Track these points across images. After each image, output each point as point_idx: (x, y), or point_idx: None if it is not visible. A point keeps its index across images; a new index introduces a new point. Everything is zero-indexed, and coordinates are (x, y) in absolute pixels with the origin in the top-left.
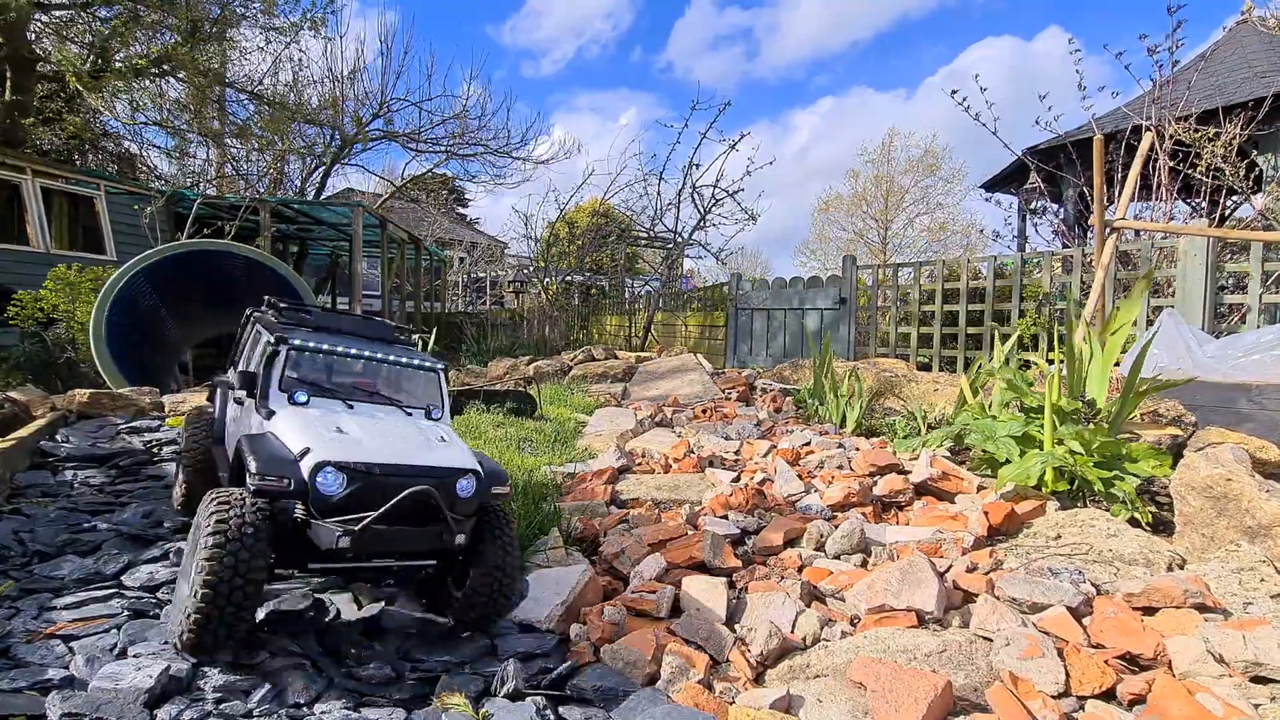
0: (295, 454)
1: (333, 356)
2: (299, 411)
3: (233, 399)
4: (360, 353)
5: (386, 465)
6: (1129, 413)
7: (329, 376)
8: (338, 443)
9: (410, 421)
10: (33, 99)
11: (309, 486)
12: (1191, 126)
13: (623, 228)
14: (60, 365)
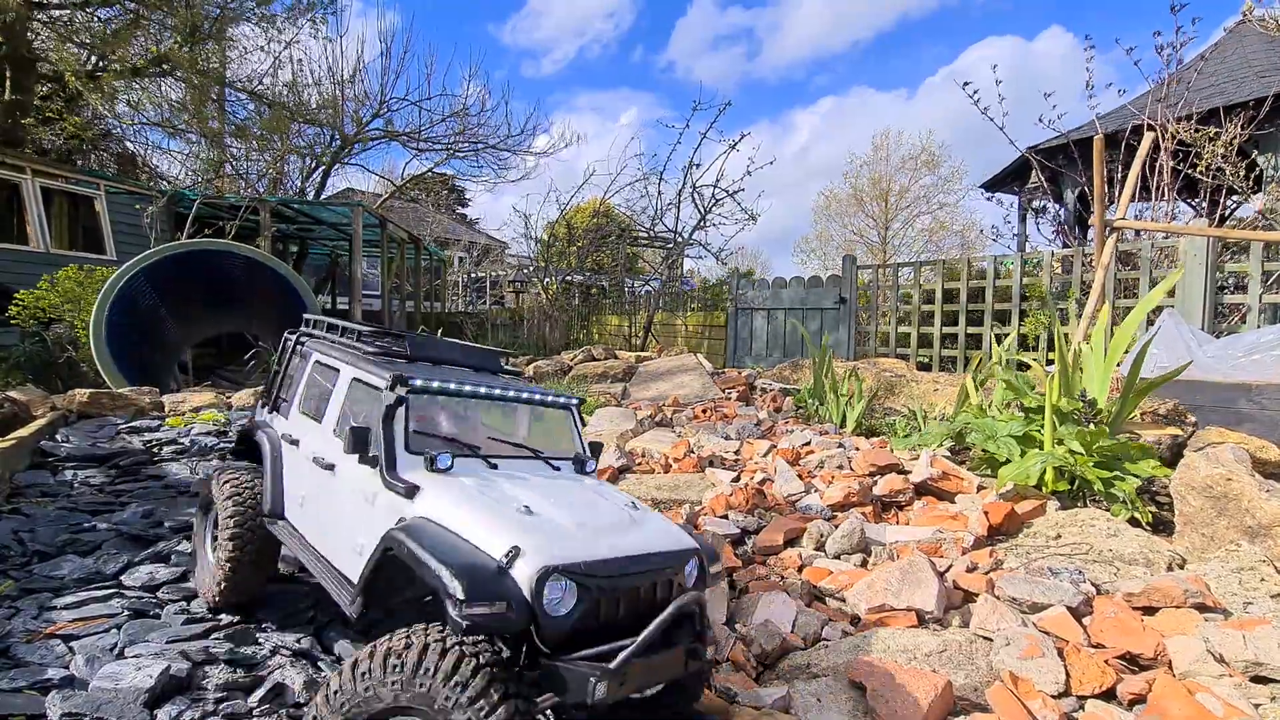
0: (498, 557)
1: (459, 399)
2: (453, 483)
3: (308, 459)
4: (492, 391)
5: (612, 561)
6: (1129, 413)
7: (454, 426)
8: (543, 533)
9: (582, 484)
10: (33, 98)
11: (537, 608)
12: (1192, 126)
13: (623, 228)
14: (60, 365)
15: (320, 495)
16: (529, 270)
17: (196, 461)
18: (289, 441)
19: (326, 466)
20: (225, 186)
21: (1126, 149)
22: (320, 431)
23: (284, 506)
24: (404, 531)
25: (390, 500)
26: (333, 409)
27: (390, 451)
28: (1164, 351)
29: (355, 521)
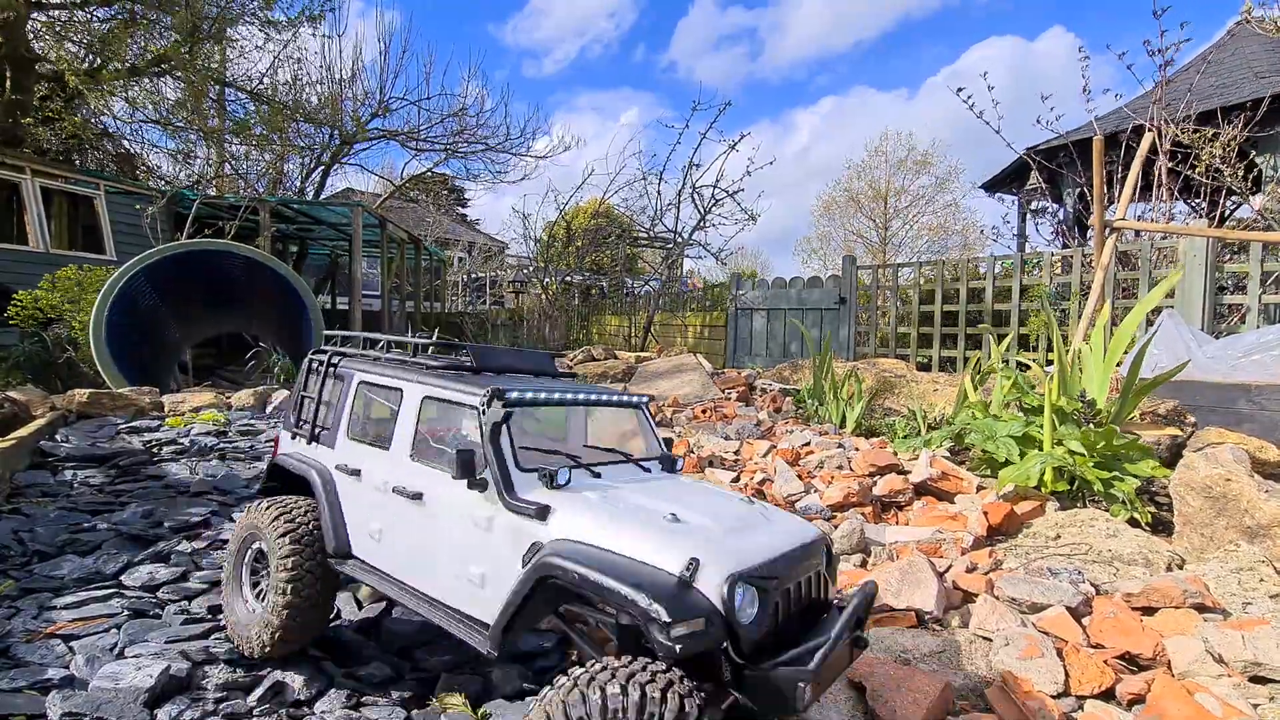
0: (676, 572)
1: (550, 408)
2: (585, 499)
3: (379, 489)
4: (588, 397)
5: (777, 561)
6: (1129, 413)
7: (541, 436)
8: (708, 540)
9: (691, 484)
10: (32, 98)
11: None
12: (1191, 127)
13: (622, 228)
14: (60, 365)
15: (404, 526)
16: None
17: (196, 461)
18: (346, 472)
19: (411, 495)
20: (225, 186)
21: (1126, 150)
22: (390, 458)
23: (351, 543)
24: (561, 556)
25: (514, 524)
26: (403, 432)
27: (505, 472)
28: (1164, 352)
29: (466, 551)
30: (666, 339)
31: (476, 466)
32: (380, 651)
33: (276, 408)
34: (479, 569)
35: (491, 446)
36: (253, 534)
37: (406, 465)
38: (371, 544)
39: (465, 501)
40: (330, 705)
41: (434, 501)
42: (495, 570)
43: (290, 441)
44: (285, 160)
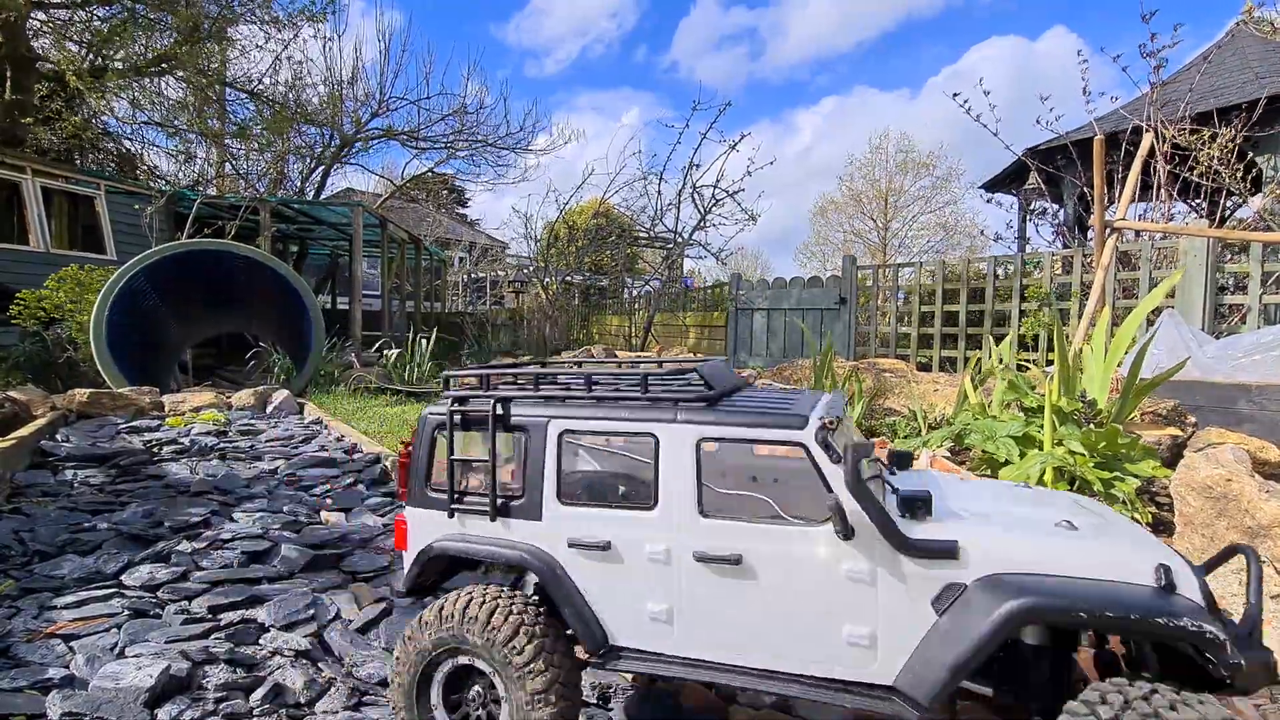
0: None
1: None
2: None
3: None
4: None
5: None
6: (1129, 413)
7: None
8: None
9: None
10: (33, 98)
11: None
12: (1190, 128)
13: (623, 228)
14: (60, 365)
15: (715, 599)
16: (529, 270)
17: (196, 461)
18: (584, 547)
19: (728, 559)
20: (225, 186)
21: (1125, 151)
22: (660, 520)
23: (616, 634)
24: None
25: (910, 570)
26: (678, 486)
27: (884, 513)
28: (1164, 352)
29: (835, 611)
30: (667, 339)
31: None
32: (380, 651)
33: (277, 407)
34: (863, 628)
35: (858, 488)
36: (449, 648)
37: (700, 526)
38: (655, 628)
39: (822, 556)
40: (331, 705)
41: (763, 563)
42: (892, 626)
43: (447, 521)
44: (286, 160)
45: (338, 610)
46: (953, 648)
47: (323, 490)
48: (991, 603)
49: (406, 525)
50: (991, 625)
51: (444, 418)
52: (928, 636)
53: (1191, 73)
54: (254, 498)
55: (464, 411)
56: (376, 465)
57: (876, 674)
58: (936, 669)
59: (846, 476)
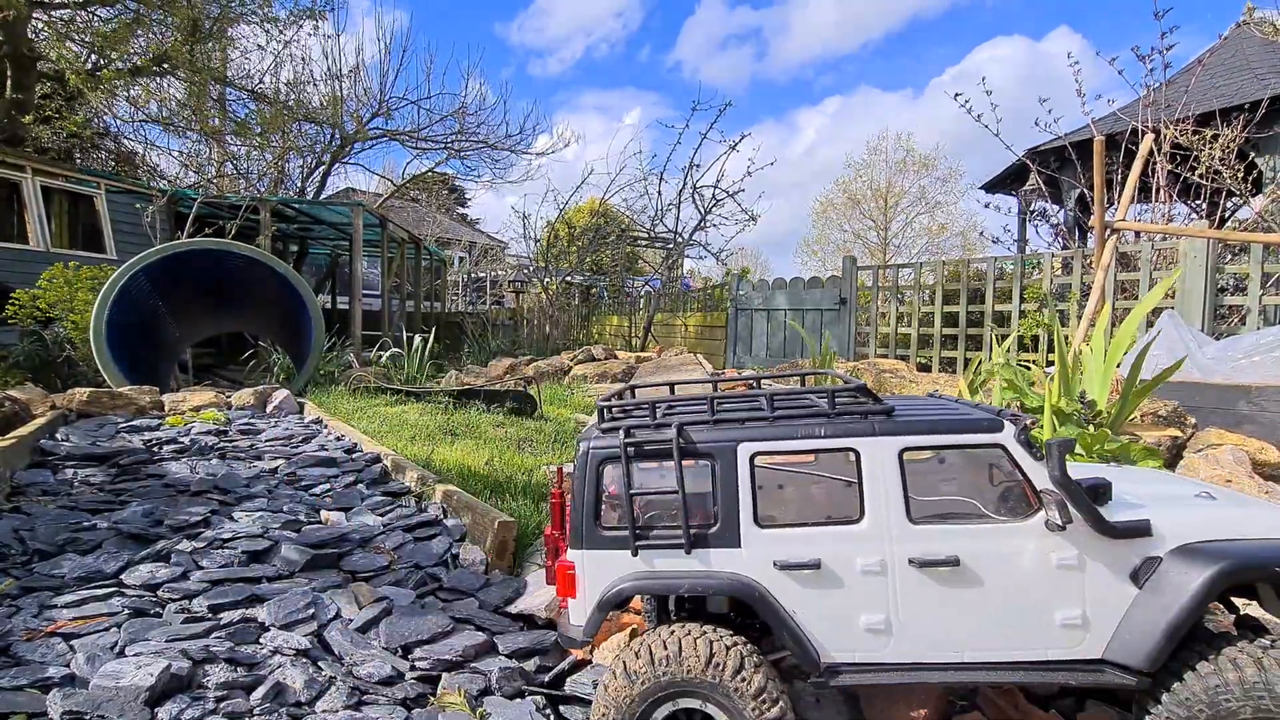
0: None
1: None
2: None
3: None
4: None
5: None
6: (1129, 414)
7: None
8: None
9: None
10: (33, 97)
11: None
12: (1190, 129)
13: (623, 228)
14: (60, 364)
15: (932, 602)
16: (529, 270)
17: (197, 460)
18: (792, 568)
19: (941, 562)
20: (226, 186)
21: (1125, 152)
22: (869, 532)
23: (835, 650)
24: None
25: (1116, 551)
26: (883, 497)
27: (1090, 503)
28: (1164, 353)
29: (1049, 598)
30: (667, 339)
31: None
32: (380, 651)
33: (278, 406)
34: (1073, 610)
35: (1064, 479)
36: (669, 691)
37: (912, 532)
38: (872, 639)
39: (1033, 549)
40: (331, 704)
41: (977, 561)
42: (1099, 604)
43: (630, 560)
44: (286, 160)
45: (338, 610)
46: (1164, 614)
47: (323, 490)
48: (1193, 569)
49: (575, 570)
50: (1202, 586)
51: (614, 451)
52: (1132, 608)
53: (1192, 74)
54: (254, 497)
55: (639, 443)
56: (376, 465)
57: (1087, 650)
58: (1155, 634)
59: (1054, 472)
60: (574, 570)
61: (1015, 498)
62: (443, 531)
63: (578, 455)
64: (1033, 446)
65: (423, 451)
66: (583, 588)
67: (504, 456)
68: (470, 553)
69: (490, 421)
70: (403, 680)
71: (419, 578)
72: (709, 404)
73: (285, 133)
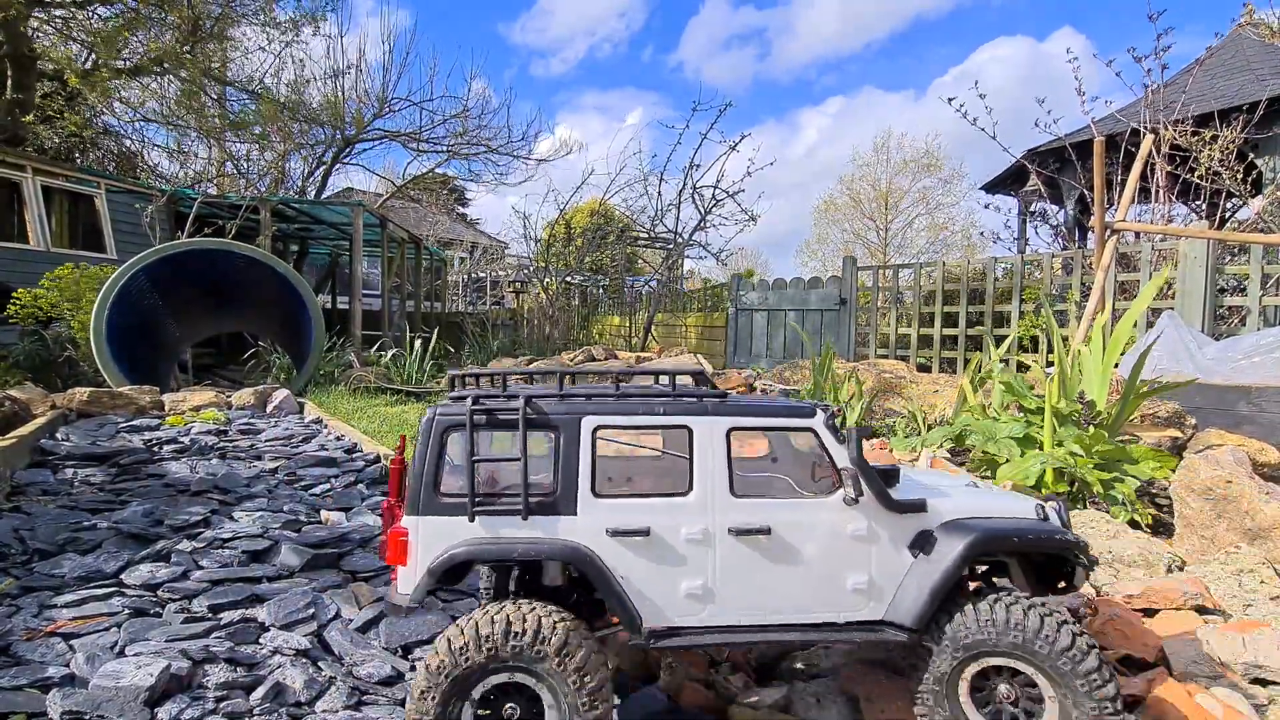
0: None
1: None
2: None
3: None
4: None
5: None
6: (1129, 415)
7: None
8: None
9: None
10: (33, 97)
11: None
12: (1190, 130)
13: (623, 228)
14: (60, 363)
15: (747, 569)
16: (529, 270)
17: (197, 460)
18: (624, 535)
19: (756, 531)
20: (226, 186)
21: (1125, 153)
22: (697, 503)
23: (657, 614)
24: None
25: (898, 523)
26: (709, 472)
27: (879, 481)
28: (1164, 353)
29: (843, 565)
30: (667, 339)
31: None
32: (380, 650)
33: (278, 406)
34: (862, 576)
35: (860, 460)
36: (491, 667)
37: (734, 504)
38: (690, 604)
39: (832, 521)
40: (331, 704)
41: (787, 531)
42: (883, 570)
43: (468, 526)
44: (287, 159)
45: (337, 610)
46: (932, 577)
47: (323, 489)
48: (956, 540)
49: (408, 536)
50: (960, 554)
51: (460, 419)
52: (909, 574)
53: (1191, 74)
54: (254, 497)
55: (487, 411)
56: (376, 465)
57: (871, 612)
58: (923, 596)
59: (852, 453)
60: (407, 537)
61: (822, 477)
62: None
63: (423, 422)
64: (838, 431)
65: None
66: (415, 555)
67: None
68: None
69: None
70: (403, 680)
71: None
72: (559, 379)
73: (286, 133)
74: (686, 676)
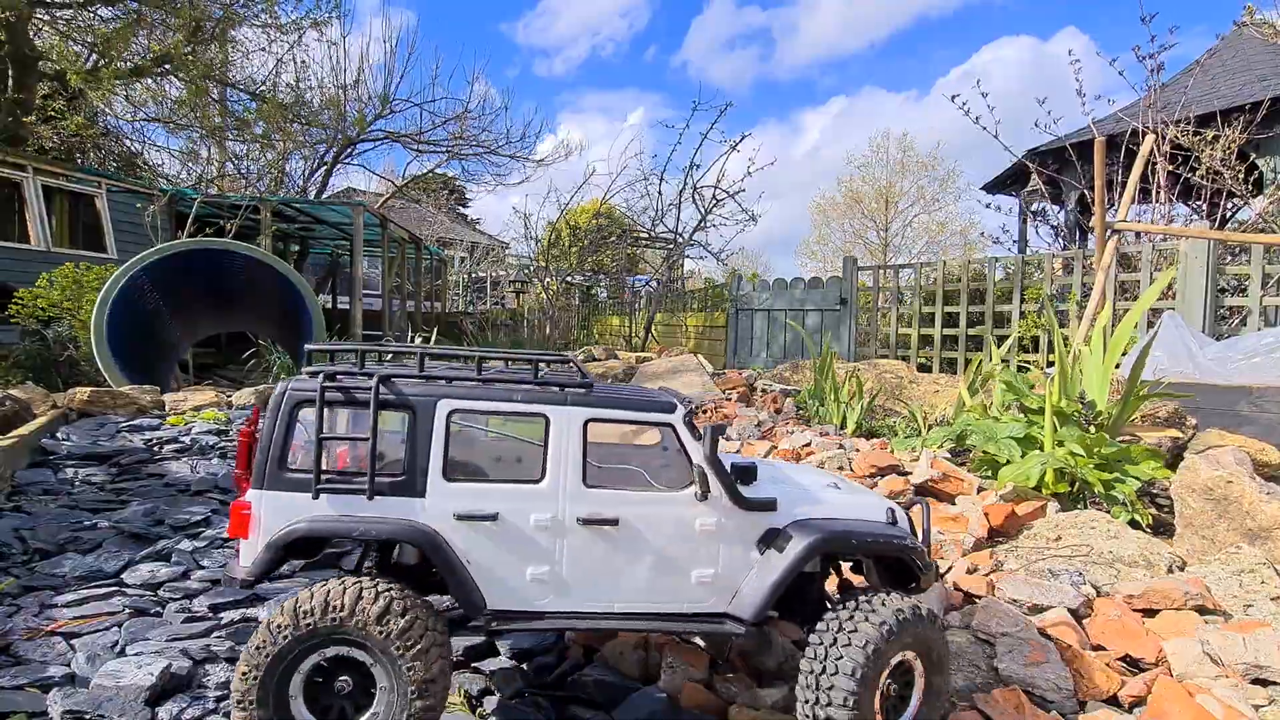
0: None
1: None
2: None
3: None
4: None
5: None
6: (1129, 415)
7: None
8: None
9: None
10: (35, 97)
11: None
12: (1191, 130)
13: (623, 228)
14: (61, 363)
15: (593, 558)
16: (529, 270)
17: (197, 460)
18: (471, 519)
19: (605, 521)
20: (226, 186)
21: (1126, 153)
22: (548, 491)
23: (500, 599)
24: (824, 531)
25: (747, 520)
26: (563, 462)
27: (729, 478)
28: (1165, 353)
29: (690, 558)
30: (667, 339)
31: (697, 482)
32: None
33: None
34: (708, 570)
35: (713, 458)
36: (316, 640)
37: (585, 494)
38: (536, 589)
39: (682, 515)
40: None
41: (636, 523)
42: (729, 565)
43: (312, 503)
44: (287, 159)
45: None
46: (772, 574)
47: None
48: (800, 539)
49: (251, 509)
50: (799, 554)
51: (310, 394)
52: (754, 570)
53: (1192, 75)
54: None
55: (339, 388)
56: None
57: (714, 605)
58: (761, 591)
59: (706, 451)
60: (250, 510)
61: (676, 472)
62: None
63: (273, 396)
64: (694, 429)
65: None
66: (257, 528)
67: None
68: None
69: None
70: None
71: None
72: (419, 360)
73: (287, 132)
74: (686, 677)
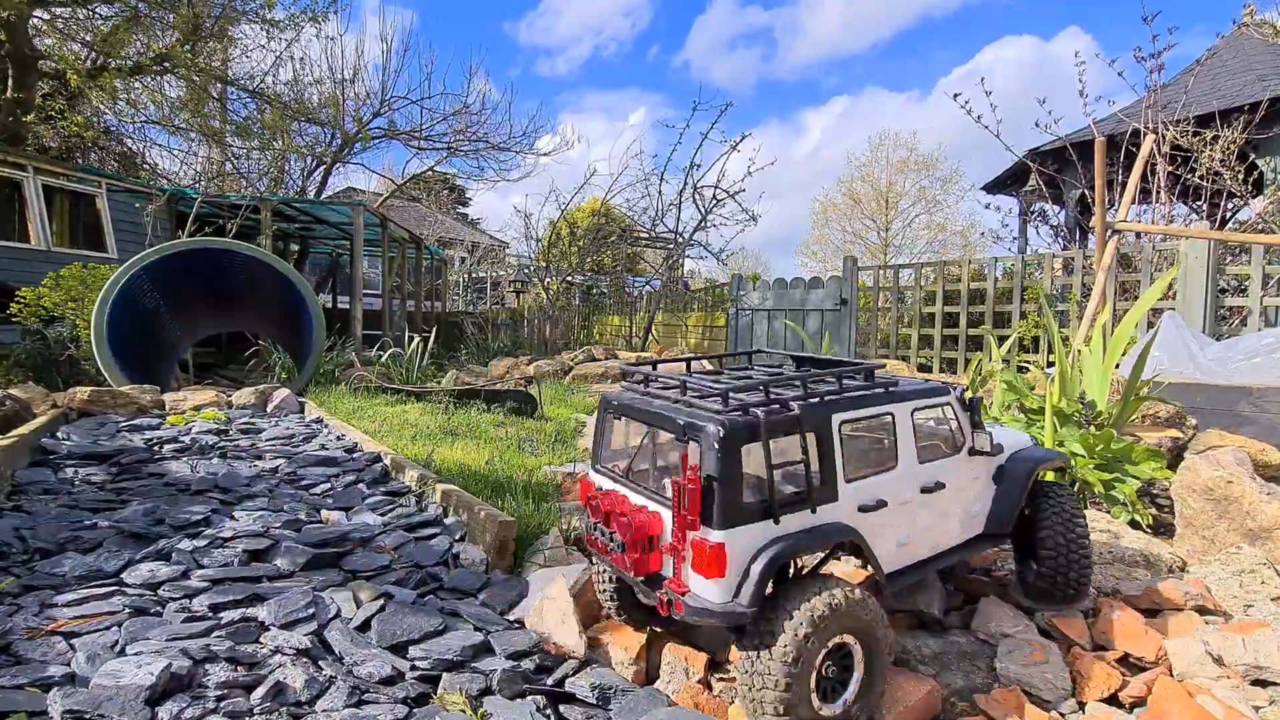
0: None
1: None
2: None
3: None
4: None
5: None
6: (1129, 415)
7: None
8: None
9: None
10: (34, 96)
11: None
12: (1190, 130)
13: (624, 228)
14: (61, 362)
15: (926, 516)
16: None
17: (197, 460)
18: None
19: (937, 486)
20: (226, 185)
21: (1126, 153)
22: (900, 473)
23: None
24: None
25: (990, 463)
26: (908, 445)
27: (986, 435)
28: (1165, 353)
29: (970, 500)
30: (668, 339)
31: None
32: (381, 650)
33: (278, 406)
34: (978, 506)
35: (974, 423)
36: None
37: (922, 469)
38: (900, 552)
39: (967, 469)
40: (331, 704)
41: (950, 481)
42: (987, 497)
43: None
44: (287, 159)
45: (338, 609)
46: (1012, 495)
47: (323, 489)
48: (1022, 468)
49: (726, 549)
50: (1024, 479)
51: (749, 430)
52: (994, 498)
53: (1192, 75)
54: (255, 496)
55: (773, 420)
56: (377, 464)
57: (981, 529)
58: (1006, 512)
59: (975, 419)
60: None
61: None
62: (443, 531)
63: (707, 438)
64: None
65: (423, 451)
66: (739, 561)
67: (505, 456)
68: (471, 552)
69: (491, 421)
70: (403, 680)
71: (419, 577)
72: (802, 383)
73: (285, 133)
74: (686, 677)
